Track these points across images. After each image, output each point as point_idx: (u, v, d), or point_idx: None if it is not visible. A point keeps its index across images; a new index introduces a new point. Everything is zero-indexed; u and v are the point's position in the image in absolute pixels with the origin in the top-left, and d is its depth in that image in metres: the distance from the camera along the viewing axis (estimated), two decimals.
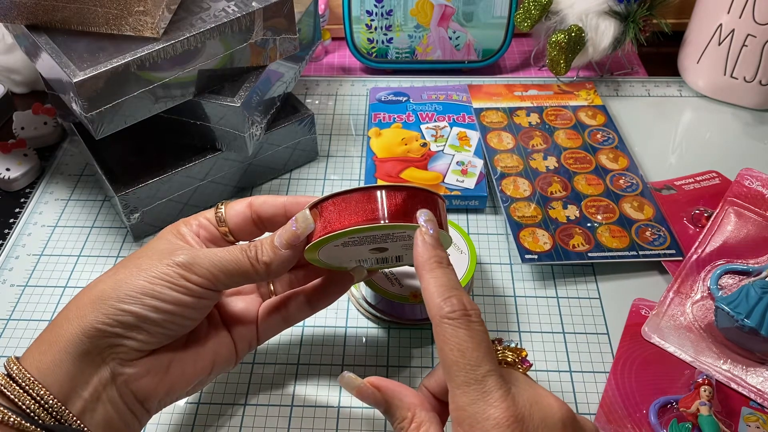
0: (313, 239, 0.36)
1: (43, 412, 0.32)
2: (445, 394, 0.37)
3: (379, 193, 0.35)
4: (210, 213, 0.40)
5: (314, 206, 0.36)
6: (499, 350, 0.35)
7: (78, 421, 0.33)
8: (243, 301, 0.42)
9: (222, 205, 0.40)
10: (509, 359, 0.35)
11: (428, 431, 0.33)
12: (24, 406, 0.31)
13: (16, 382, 0.32)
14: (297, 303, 0.42)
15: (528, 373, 0.36)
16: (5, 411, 0.31)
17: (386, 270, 0.49)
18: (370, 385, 0.36)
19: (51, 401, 0.32)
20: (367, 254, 0.39)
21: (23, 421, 0.31)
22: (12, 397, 0.32)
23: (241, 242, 0.42)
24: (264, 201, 0.40)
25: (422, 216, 0.35)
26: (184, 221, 0.40)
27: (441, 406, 0.36)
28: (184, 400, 0.46)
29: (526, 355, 0.35)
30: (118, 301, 0.33)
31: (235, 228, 0.40)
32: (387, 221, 0.35)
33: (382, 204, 0.35)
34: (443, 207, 0.38)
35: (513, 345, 0.36)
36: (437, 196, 0.37)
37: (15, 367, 0.33)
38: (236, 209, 0.40)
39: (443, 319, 0.32)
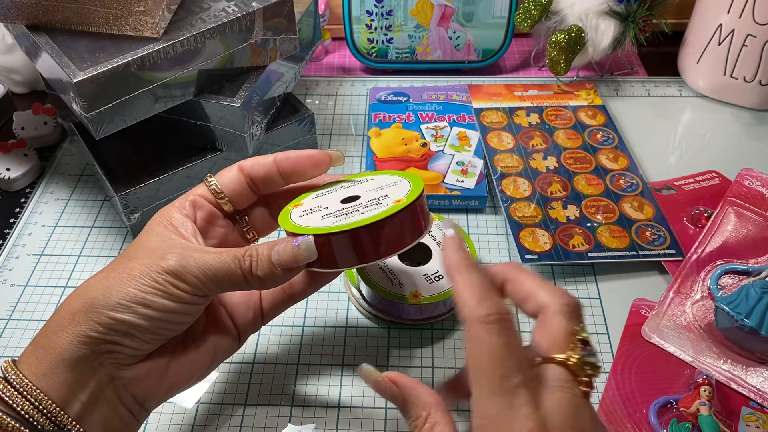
0: (312, 268, 0.36)
1: (40, 417, 0.31)
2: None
3: (383, 225, 0.35)
4: (201, 189, 0.39)
5: (317, 235, 0.35)
6: (575, 357, 0.31)
7: (76, 425, 0.32)
8: None
9: (211, 177, 0.39)
10: (574, 367, 0.30)
11: None
12: (22, 411, 0.31)
13: (13, 386, 0.32)
14: (301, 279, 0.41)
15: None
16: (2, 416, 0.31)
17: (386, 270, 0.49)
18: (388, 380, 0.35)
19: (49, 405, 0.32)
20: None
21: (20, 426, 0.31)
22: (9, 401, 0.31)
23: (237, 213, 0.41)
24: (253, 162, 0.39)
25: (447, 226, 0.35)
26: (175, 205, 0.38)
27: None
28: (185, 400, 0.46)
29: (595, 377, 0.31)
30: (110, 310, 0.33)
31: (233, 195, 0.39)
32: (388, 255, 0.36)
33: (385, 238, 0.35)
34: (424, 199, 0.38)
35: (593, 360, 0.31)
36: (417, 202, 0.37)
37: (12, 372, 0.32)
38: (229, 177, 0.39)
39: (477, 322, 0.30)
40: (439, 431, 0.33)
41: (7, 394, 0.32)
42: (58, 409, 0.32)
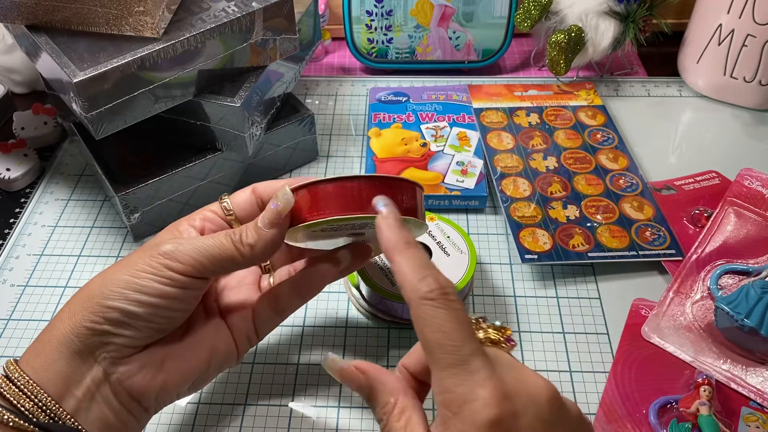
0: (294, 225, 0.37)
1: (38, 411, 0.32)
2: (425, 373, 0.35)
3: (359, 183, 0.36)
4: (214, 206, 0.40)
5: (297, 189, 0.37)
6: (482, 328, 0.34)
7: (72, 420, 0.33)
8: (244, 293, 0.42)
9: (226, 196, 0.41)
10: (493, 337, 0.34)
11: (411, 418, 0.32)
12: (20, 406, 0.32)
13: (13, 383, 0.33)
14: (286, 293, 0.41)
15: None
16: (2, 411, 0.32)
17: (386, 270, 0.49)
18: (354, 368, 0.35)
19: (45, 400, 0.32)
20: (346, 239, 0.42)
21: (20, 420, 0.32)
22: (9, 397, 0.32)
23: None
24: (267, 185, 0.41)
25: (380, 201, 0.35)
26: (186, 218, 0.39)
27: (420, 386, 0.36)
28: (185, 400, 0.46)
29: (511, 334, 0.35)
30: (104, 298, 0.34)
31: (243, 215, 0.40)
32: (367, 212, 0.36)
33: (363, 194, 0.36)
34: (421, 195, 0.39)
35: (498, 324, 0.35)
36: (415, 185, 0.38)
37: (13, 369, 0.33)
38: (241, 197, 0.40)
39: (422, 300, 0.31)
40: (407, 417, 0.32)
41: (6, 389, 0.33)
42: (53, 402, 0.33)
